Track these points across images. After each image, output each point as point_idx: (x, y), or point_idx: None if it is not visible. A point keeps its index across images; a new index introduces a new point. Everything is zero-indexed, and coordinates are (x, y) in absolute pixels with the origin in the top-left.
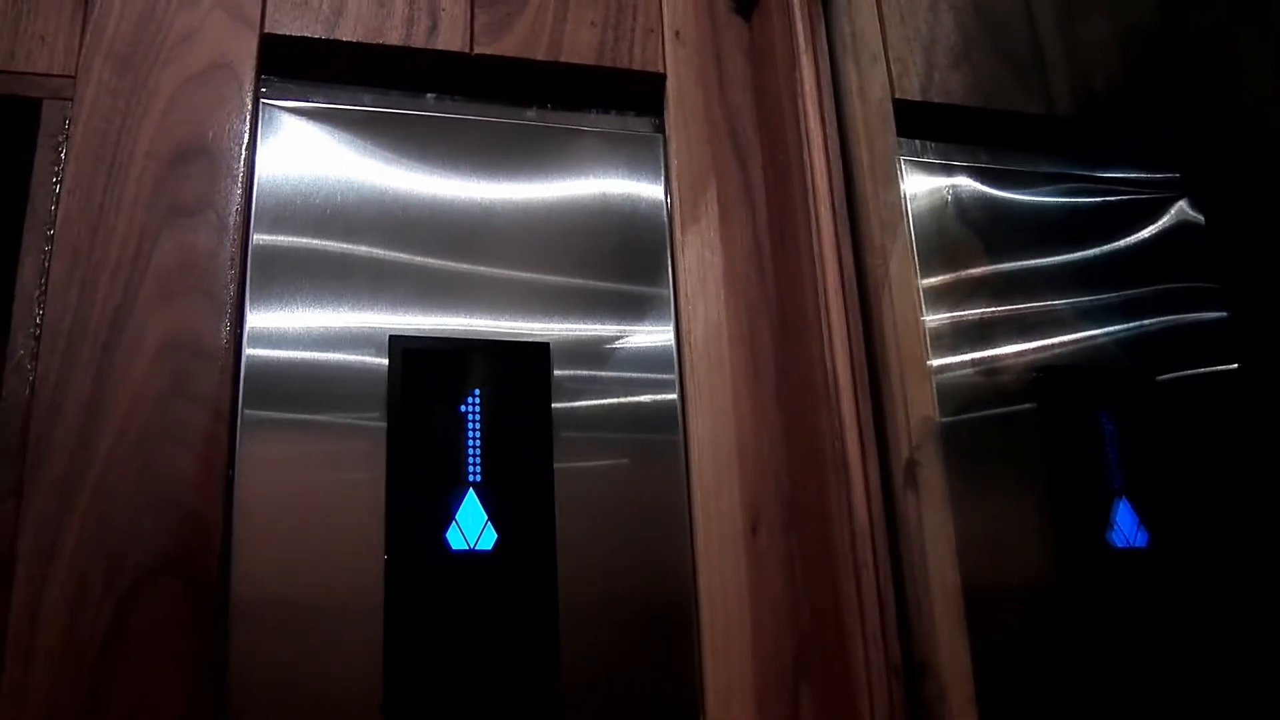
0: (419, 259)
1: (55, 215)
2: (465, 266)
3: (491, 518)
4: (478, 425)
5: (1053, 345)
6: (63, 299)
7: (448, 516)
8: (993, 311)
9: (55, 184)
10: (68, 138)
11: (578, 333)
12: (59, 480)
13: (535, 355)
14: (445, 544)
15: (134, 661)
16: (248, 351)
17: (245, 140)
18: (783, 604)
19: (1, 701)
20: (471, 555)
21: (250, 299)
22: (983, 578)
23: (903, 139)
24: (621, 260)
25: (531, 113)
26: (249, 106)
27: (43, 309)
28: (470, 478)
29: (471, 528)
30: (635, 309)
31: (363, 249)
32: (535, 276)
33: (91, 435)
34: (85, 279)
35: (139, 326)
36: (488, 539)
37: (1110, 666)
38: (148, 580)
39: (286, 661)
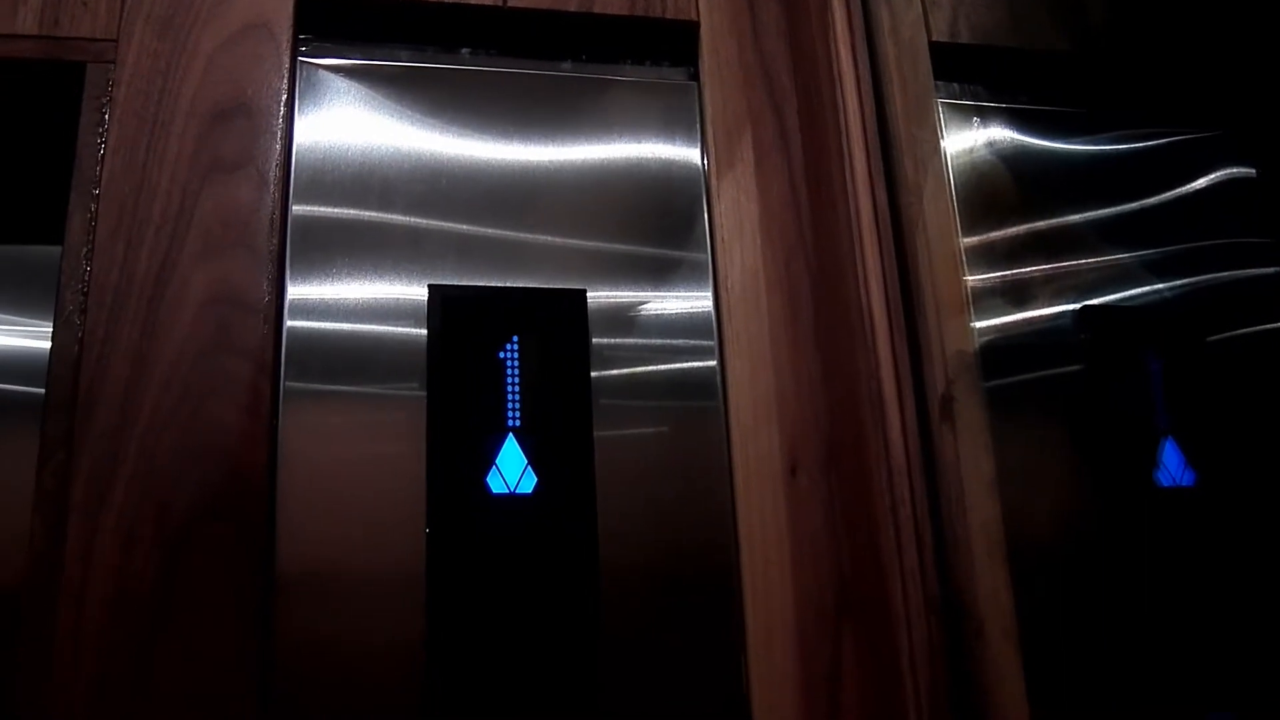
0: (453, 225)
1: (100, 174)
2: (501, 233)
3: (531, 462)
4: (516, 372)
5: (1093, 289)
6: (109, 255)
7: (488, 461)
8: (1032, 255)
9: (100, 144)
10: (111, 99)
11: (612, 299)
12: (108, 431)
13: (572, 301)
14: (486, 487)
15: (185, 606)
16: (292, 324)
17: (284, 98)
18: (822, 544)
19: (58, 647)
20: (512, 498)
21: (291, 256)
22: (1024, 516)
23: (936, 81)
24: (658, 217)
25: (566, 65)
26: (286, 65)
27: (90, 265)
28: (510, 423)
29: (511, 471)
30: (670, 273)
31: (398, 217)
32: (570, 242)
33: (139, 387)
34: (130, 235)
35: (183, 281)
36: (528, 482)
37: (1155, 606)
38: (197, 527)
39: (332, 602)
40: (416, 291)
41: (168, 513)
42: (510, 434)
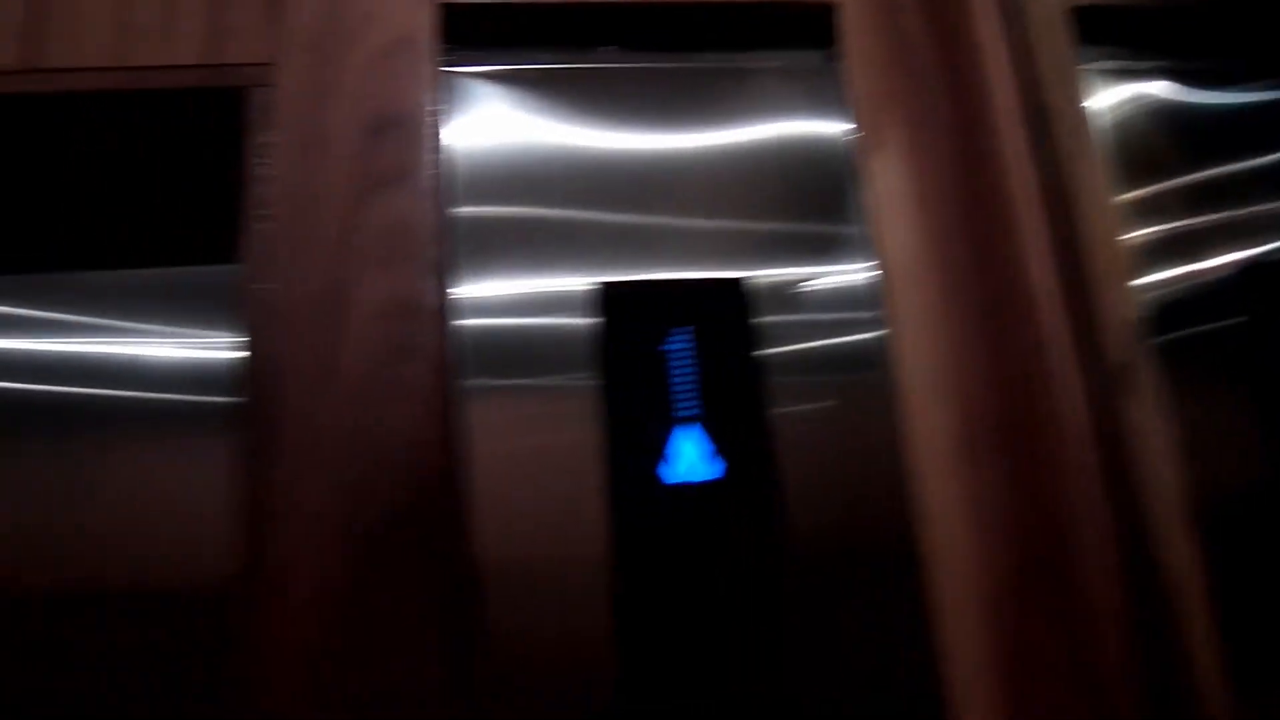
0: (610, 216)
1: (268, 195)
2: (657, 220)
3: (709, 452)
4: (685, 363)
5: (1257, 249)
6: (284, 273)
7: (663, 452)
8: (1188, 211)
9: (265, 166)
10: (271, 122)
11: (774, 278)
12: (297, 443)
13: (734, 291)
14: (662, 478)
15: (382, 607)
16: (462, 322)
17: (433, 108)
18: (1004, 518)
19: (265, 652)
20: (690, 489)
21: (459, 271)
22: (1206, 482)
23: (1081, 45)
24: (809, 201)
25: (708, 55)
26: (433, 76)
27: (267, 284)
28: (683, 413)
29: (688, 461)
30: (828, 248)
31: (556, 212)
32: (726, 224)
33: (323, 399)
34: (302, 253)
35: (356, 293)
36: (706, 473)
37: None
38: (389, 530)
39: (521, 594)
40: (577, 282)
41: (361, 518)
42: (684, 424)
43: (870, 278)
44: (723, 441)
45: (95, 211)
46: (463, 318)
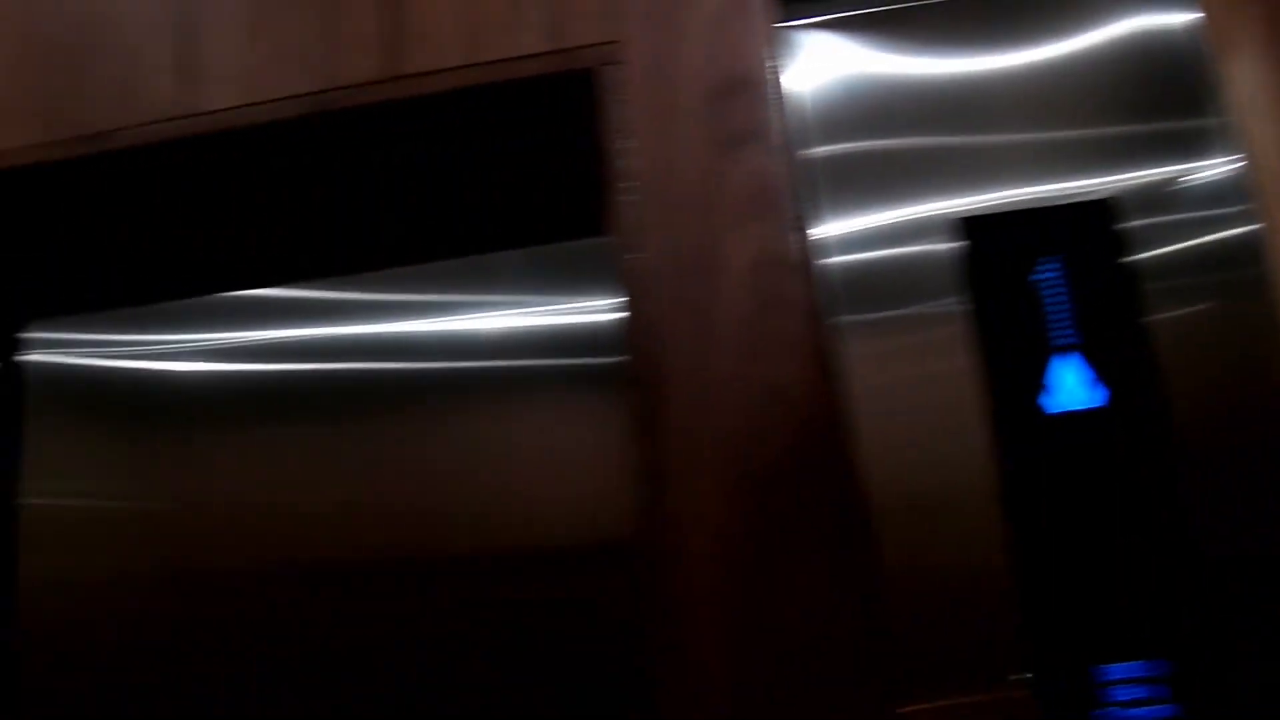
0: (962, 139)
1: (629, 169)
2: (1008, 137)
3: (1089, 380)
4: (1058, 291)
5: None
6: (654, 241)
7: (1042, 381)
8: None
9: (623, 141)
10: (622, 97)
11: (1137, 181)
12: (687, 402)
13: (1101, 212)
14: (1046, 409)
15: (782, 554)
16: (828, 260)
17: (773, 65)
18: None
19: (675, 604)
20: (1074, 418)
21: (818, 209)
22: None
23: None
24: (1163, 99)
25: None
26: (768, 33)
27: (636, 252)
28: (1059, 342)
29: (1070, 391)
30: (1188, 145)
31: (908, 141)
32: (1080, 133)
33: (704, 357)
34: (669, 219)
35: (722, 253)
36: (1090, 399)
37: None
38: (780, 478)
39: (913, 531)
40: (938, 208)
41: (753, 468)
42: (1062, 353)
43: (1237, 170)
44: (1103, 368)
45: (463, 201)
46: (828, 256)
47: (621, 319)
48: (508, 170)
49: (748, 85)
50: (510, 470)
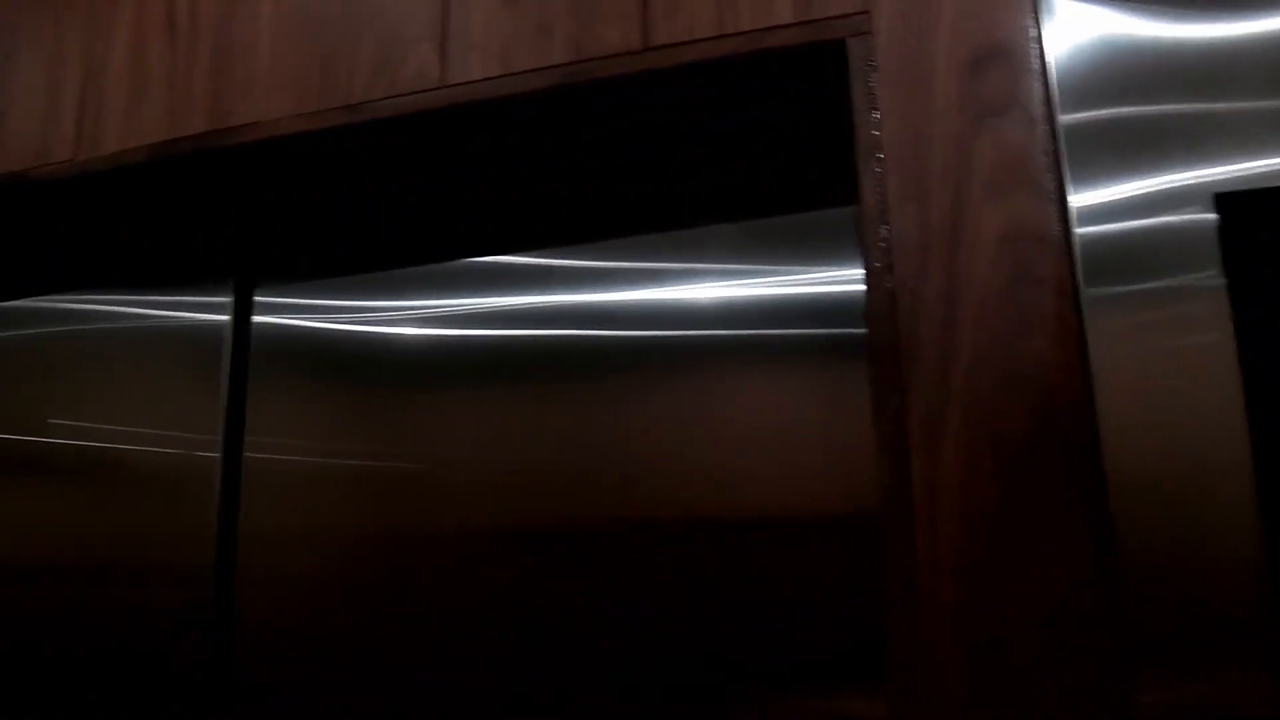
0: (1223, 105)
1: (879, 140)
2: (1269, 103)
3: None
4: None
5: None
6: (902, 212)
7: None
8: None
9: (873, 111)
10: (874, 66)
11: None
12: (933, 372)
13: None
14: None
15: (1027, 528)
16: (1076, 231)
17: (1032, 33)
18: None
19: (918, 576)
20: None
21: (1070, 181)
22: None
23: None
24: None
25: None
26: (1028, 2)
27: (887, 225)
28: None
29: None
30: None
31: (1163, 108)
32: None
33: (953, 329)
34: (918, 191)
35: (975, 225)
36: None
37: None
38: (1027, 452)
39: (1161, 521)
40: (1195, 176)
41: (999, 443)
42: None
43: None
44: None
45: (709, 171)
46: (1083, 226)
47: (867, 291)
48: (756, 141)
49: (1004, 53)
50: (753, 437)
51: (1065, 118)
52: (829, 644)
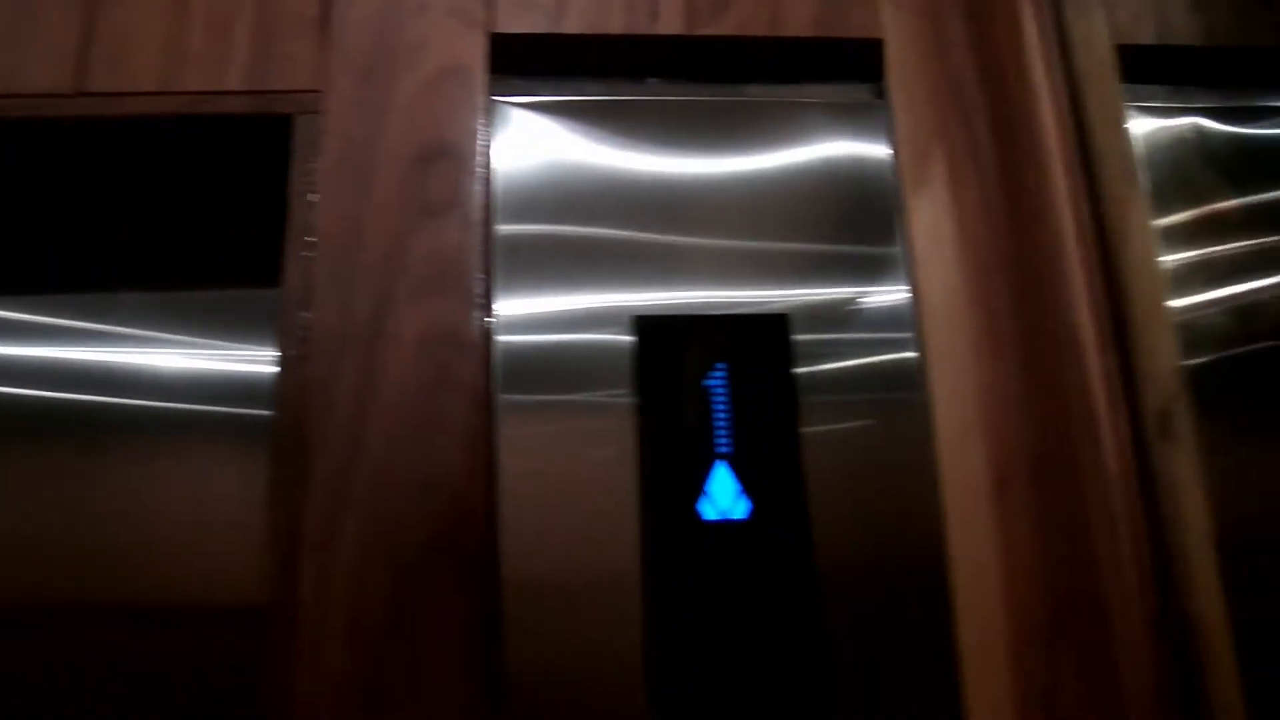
0: (653, 236)
1: (313, 221)
2: (700, 240)
3: (742, 488)
4: (723, 397)
5: None
6: (326, 299)
7: (699, 488)
8: (1238, 247)
9: (311, 193)
10: (319, 149)
11: (814, 298)
12: (336, 471)
13: (775, 326)
14: (698, 515)
15: (414, 637)
16: (498, 339)
17: (482, 138)
18: (1034, 561)
19: (301, 674)
20: (725, 525)
21: (498, 289)
22: (1238, 529)
23: (1132, 85)
24: (851, 224)
25: (753, 88)
26: (482, 105)
27: (308, 313)
28: (719, 449)
29: (723, 498)
30: (868, 270)
31: (600, 231)
32: (768, 245)
33: (362, 428)
34: (346, 280)
35: (398, 322)
36: (740, 508)
37: None
38: (422, 562)
39: (553, 634)
40: (619, 299)
41: (395, 546)
42: (720, 460)
43: (907, 300)
44: (754, 480)
45: (141, 232)
46: (507, 333)
47: (279, 378)
48: (192, 209)
49: (452, 156)
50: (151, 514)
51: (504, 229)
52: None
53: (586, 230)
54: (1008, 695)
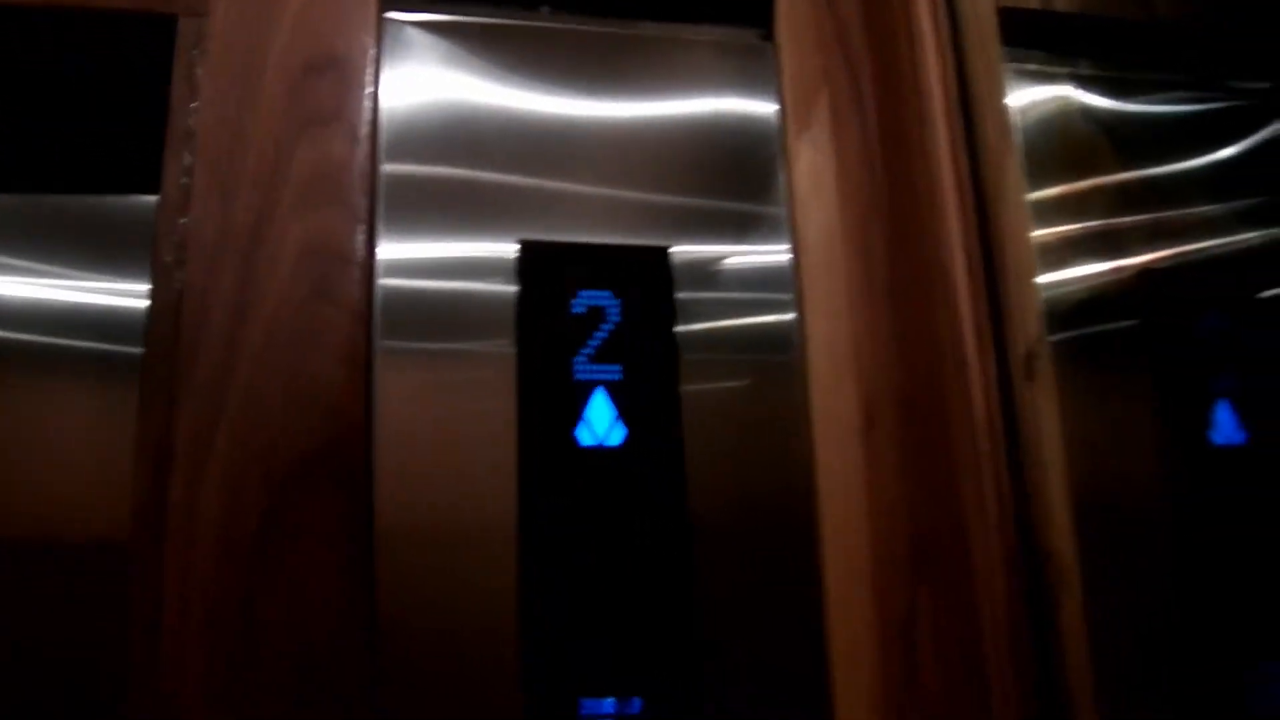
0: (542, 180)
1: (194, 127)
2: (587, 186)
3: (619, 415)
4: (605, 326)
5: (1158, 255)
6: (205, 207)
7: (578, 414)
8: (1099, 222)
9: (193, 97)
10: (203, 52)
11: (694, 254)
12: (209, 382)
13: (657, 257)
14: (575, 440)
15: (288, 555)
16: (380, 259)
17: (372, 53)
18: (899, 497)
19: (166, 599)
20: (601, 451)
21: (383, 213)
22: (1092, 480)
23: (1013, 48)
24: (738, 172)
25: (645, 24)
26: (374, 20)
27: (186, 218)
28: (598, 376)
29: (601, 424)
30: (751, 225)
31: (486, 170)
32: (655, 197)
33: (238, 338)
34: (226, 188)
35: (280, 233)
36: (616, 435)
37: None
38: (298, 476)
39: (429, 554)
40: (505, 248)
41: (271, 461)
42: (599, 387)
43: (784, 259)
44: (631, 408)
45: (8, 130)
46: (389, 275)
47: (152, 286)
48: (68, 106)
49: (339, 69)
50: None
51: (391, 165)
52: (75, 678)
53: (472, 172)
54: (868, 626)
